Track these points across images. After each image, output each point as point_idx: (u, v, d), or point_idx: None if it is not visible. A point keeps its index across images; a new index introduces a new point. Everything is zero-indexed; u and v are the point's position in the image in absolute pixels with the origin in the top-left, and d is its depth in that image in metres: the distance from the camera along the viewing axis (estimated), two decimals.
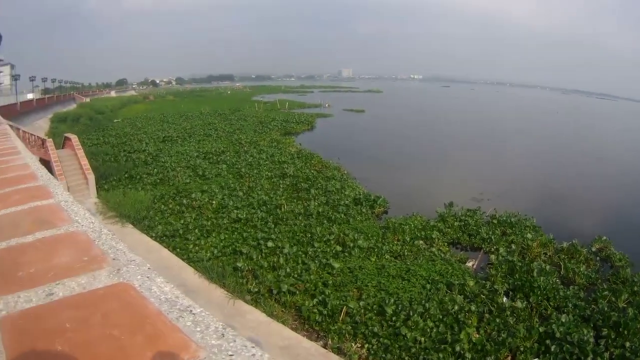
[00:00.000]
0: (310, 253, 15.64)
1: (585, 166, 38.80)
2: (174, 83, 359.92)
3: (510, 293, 13.38)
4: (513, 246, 17.15)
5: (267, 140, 39.96)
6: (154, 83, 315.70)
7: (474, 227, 19.10)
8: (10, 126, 17.22)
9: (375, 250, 15.98)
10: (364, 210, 21.06)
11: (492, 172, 34.32)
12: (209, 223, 18.86)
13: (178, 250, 16.28)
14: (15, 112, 47.11)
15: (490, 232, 18.61)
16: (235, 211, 20.17)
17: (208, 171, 28.56)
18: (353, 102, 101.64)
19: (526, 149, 46.23)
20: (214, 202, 21.82)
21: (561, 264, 15.76)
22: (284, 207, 20.67)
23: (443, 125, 64.96)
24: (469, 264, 16.06)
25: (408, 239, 17.23)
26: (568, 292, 13.30)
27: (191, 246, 16.51)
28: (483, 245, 17.82)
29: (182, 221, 19.09)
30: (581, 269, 15.31)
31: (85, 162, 24.40)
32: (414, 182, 29.46)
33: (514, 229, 19.16)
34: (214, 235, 17.69)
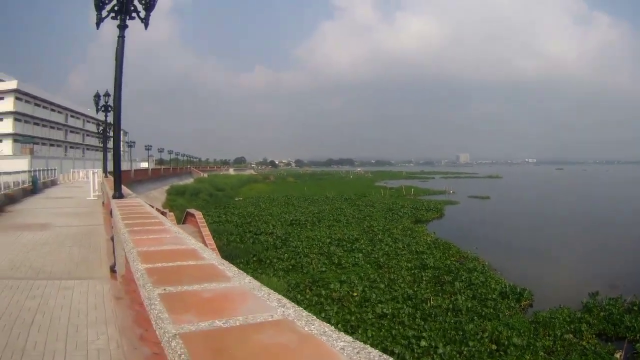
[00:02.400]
0: (465, 353, 15.02)
1: None
2: (293, 165, 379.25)
3: None
4: None
5: (399, 228, 39.25)
6: (272, 163, 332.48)
7: (617, 317, 18.56)
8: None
9: (530, 347, 15.63)
10: (511, 304, 20.48)
11: (625, 255, 32.60)
12: (352, 318, 17.99)
13: None
14: (129, 180, 47.59)
15: (633, 320, 18.14)
16: (379, 305, 19.23)
17: (344, 259, 27.69)
18: (475, 188, 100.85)
19: None
20: (355, 294, 20.86)
21: None
22: (430, 302, 20.14)
23: (568, 209, 62.43)
24: (617, 355, 15.87)
25: (558, 334, 16.89)
26: None
27: None
28: (627, 334, 17.49)
29: (322, 314, 18.26)
30: None
31: (211, 241, 22.86)
32: (551, 270, 28.44)
33: None
34: (359, 331, 16.75)
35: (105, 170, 27.97)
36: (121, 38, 10.57)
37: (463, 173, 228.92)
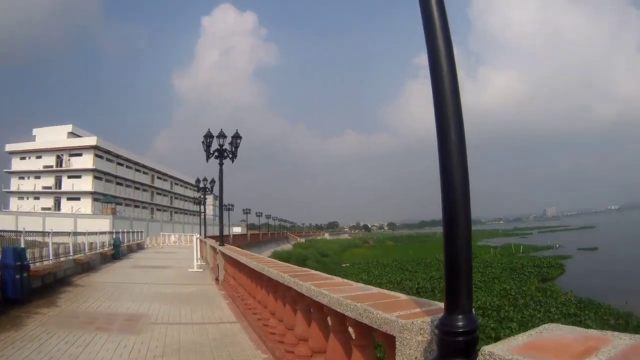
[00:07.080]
0: None
1: None
2: (385, 228, 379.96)
3: None
4: None
5: (532, 289, 36.50)
6: (366, 227, 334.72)
7: None
8: None
9: None
10: None
11: None
12: None
13: None
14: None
15: None
16: None
17: (501, 332, 24.12)
18: (578, 240, 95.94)
19: None
20: None
21: None
22: None
23: None
24: None
25: None
26: None
27: None
28: None
29: None
30: None
31: None
32: None
33: None
34: None
35: (221, 238, 19.90)
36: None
37: (556, 226, 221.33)
